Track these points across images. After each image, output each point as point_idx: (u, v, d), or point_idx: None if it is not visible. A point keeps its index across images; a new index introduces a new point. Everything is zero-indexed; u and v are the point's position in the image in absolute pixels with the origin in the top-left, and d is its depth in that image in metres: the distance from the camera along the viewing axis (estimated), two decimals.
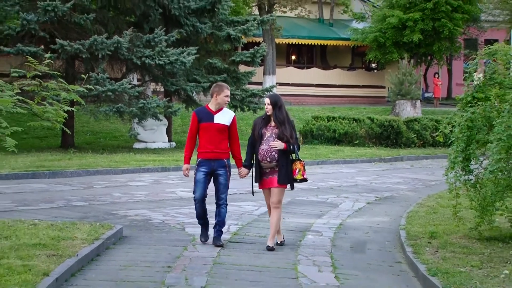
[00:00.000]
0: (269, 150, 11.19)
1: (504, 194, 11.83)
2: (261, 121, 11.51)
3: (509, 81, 12.31)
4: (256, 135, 11.40)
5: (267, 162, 11.27)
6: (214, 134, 11.29)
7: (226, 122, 11.37)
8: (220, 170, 11.35)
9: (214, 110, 11.42)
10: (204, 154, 11.36)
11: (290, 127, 11.34)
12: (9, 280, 8.49)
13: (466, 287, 9.29)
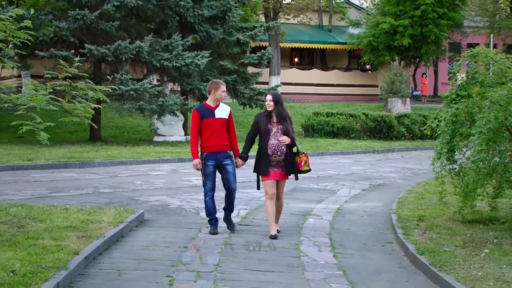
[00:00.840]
0: (279, 144, 10.88)
1: (485, 182, 11.82)
2: (264, 117, 11.14)
3: (489, 81, 12.29)
4: (262, 130, 11.02)
5: (277, 156, 10.94)
6: (217, 128, 11.02)
7: (225, 116, 11.15)
8: (226, 161, 11.10)
9: (213, 106, 11.12)
10: (210, 148, 11.02)
11: (290, 122, 11.17)
12: (44, 258, 8.53)
13: (451, 264, 9.31)
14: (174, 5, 28.15)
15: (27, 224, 10.78)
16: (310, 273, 9.26)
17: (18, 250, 8.98)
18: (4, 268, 7.91)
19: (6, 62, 10.28)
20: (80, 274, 8.57)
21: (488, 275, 8.71)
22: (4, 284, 7.27)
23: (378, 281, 9.04)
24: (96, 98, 9.83)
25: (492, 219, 12.45)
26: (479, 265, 9.24)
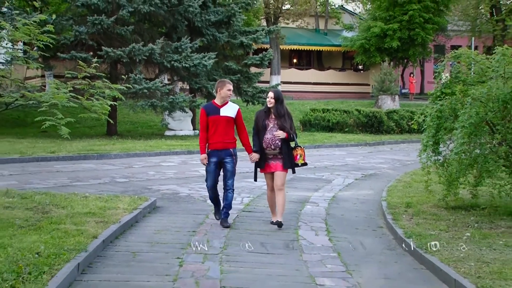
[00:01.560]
0: (273, 139, 10.54)
1: (467, 172, 11.84)
2: (263, 114, 10.80)
3: (471, 79, 12.30)
4: (260, 126, 10.70)
5: (271, 150, 10.61)
6: (222, 125, 10.57)
7: (231, 114, 10.67)
8: (227, 159, 10.66)
9: (220, 104, 10.67)
10: (213, 145, 10.60)
11: (290, 119, 10.76)
12: (66, 241, 8.56)
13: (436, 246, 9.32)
14: (183, 11, 28.15)
15: (51, 210, 10.81)
16: (307, 255, 9.28)
17: (42, 234, 9.02)
18: (30, 250, 7.95)
19: (31, 63, 10.32)
20: (98, 256, 8.61)
21: (469, 256, 8.74)
22: (30, 265, 7.31)
23: (370, 263, 9.05)
24: (112, 96, 9.85)
25: (473, 206, 12.47)
26: (461, 248, 9.25)
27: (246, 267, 8.44)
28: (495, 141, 11.58)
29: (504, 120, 11.36)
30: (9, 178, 15.96)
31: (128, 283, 7.49)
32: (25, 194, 12.19)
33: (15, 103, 9.60)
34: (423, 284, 8.14)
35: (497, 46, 12.39)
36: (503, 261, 8.45)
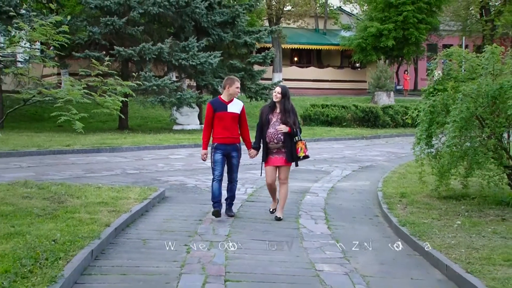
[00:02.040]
0: (275, 133, 10.19)
1: (457, 163, 11.85)
2: (267, 109, 10.46)
3: (462, 76, 12.28)
4: (264, 120, 10.38)
5: (274, 144, 10.27)
6: (228, 121, 10.24)
7: (237, 111, 10.33)
8: (233, 153, 10.36)
9: (227, 100, 10.32)
10: (220, 139, 10.22)
11: (294, 115, 10.35)
12: (80, 229, 8.57)
13: (428, 234, 9.33)
14: (190, 12, 28.16)
15: (66, 200, 10.83)
16: (307, 242, 9.28)
17: (58, 222, 9.04)
18: (47, 237, 7.97)
19: (47, 62, 10.33)
20: (110, 243, 8.62)
21: (460, 243, 8.74)
22: (47, 251, 7.33)
23: (367, 250, 9.05)
24: (124, 92, 9.86)
25: (463, 195, 12.46)
26: (452, 235, 9.26)
27: (250, 253, 8.46)
28: (484, 134, 11.58)
29: (493, 115, 11.36)
30: (28, 169, 16.00)
31: (138, 269, 7.50)
32: (42, 185, 12.22)
33: (33, 99, 9.62)
34: (416, 269, 8.14)
35: (487, 45, 12.39)
36: (491, 248, 8.45)
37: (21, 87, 11.60)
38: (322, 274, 7.66)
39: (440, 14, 47.52)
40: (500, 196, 11.99)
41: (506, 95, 10.80)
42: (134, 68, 28.59)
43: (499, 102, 11.04)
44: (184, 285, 6.95)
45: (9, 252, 7.24)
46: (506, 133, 11.86)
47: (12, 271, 6.56)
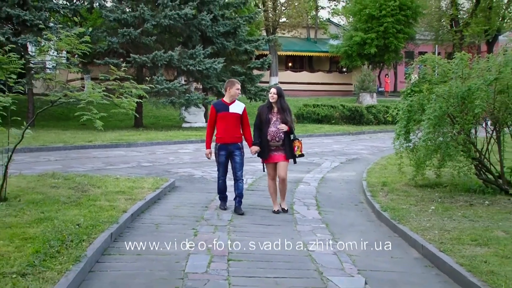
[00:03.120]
0: (277, 131, 9.75)
1: (432, 156, 11.86)
2: (266, 109, 9.96)
3: (435, 80, 12.28)
4: (264, 120, 9.85)
5: (275, 142, 9.80)
6: (230, 121, 9.79)
7: (239, 111, 9.86)
8: (236, 152, 9.87)
9: (229, 102, 9.89)
10: (222, 139, 9.81)
11: (290, 114, 9.98)
12: (101, 215, 8.60)
13: (406, 218, 9.36)
14: (197, 24, 28.13)
15: (88, 189, 10.85)
16: (300, 226, 9.31)
17: (82, 208, 9.07)
18: (72, 222, 8.01)
19: (72, 68, 10.33)
20: (127, 227, 8.65)
21: (433, 226, 8.77)
22: (72, 234, 7.36)
23: (353, 232, 9.07)
24: (138, 94, 9.84)
25: (437, 184, 12.48)
26: (427, 218, 9.29)
27: (249, 236, 8.47)
28: (455, 130, 11.57)
29: (462, 113, 11.37)
30: (55, 163, 16.02)
31: (152, 249, 7.52)
32: (68, 176, 12.23)
33: (59, 101, 9.61)
34: (396, 248, 8.16)
35: (456, 52, 12.40)
36: (461, 229, 8.48)
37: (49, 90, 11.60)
38: (313, 254, 7.68)
39: (416, 25, 47.50)
40: (468, 184, 12.02)
41: (473, 96, 10.81)
42: (148, 73, 28.58)
43: (468, 102, 11.04)
44: (192, 264, 6.97)
45: (39, 235, 7.28)
46: (473, 129, 11.89)
47: (42, 251, 6.60)
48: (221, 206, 10.18)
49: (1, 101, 9.33)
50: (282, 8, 49.79)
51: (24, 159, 16.32)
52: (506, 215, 9.50)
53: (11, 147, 9.57)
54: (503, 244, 7.68)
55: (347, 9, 52.15)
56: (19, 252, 6.58)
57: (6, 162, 9.47)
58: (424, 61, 12.85)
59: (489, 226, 8.73)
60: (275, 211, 10.10)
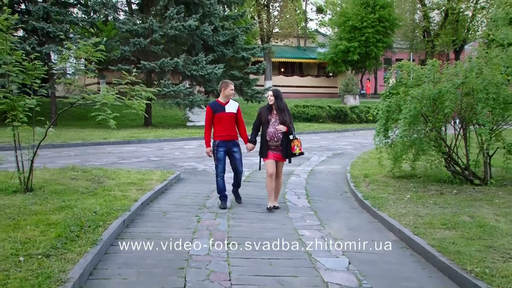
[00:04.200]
0: (275, 132, 9.19)
1: (407, 151, 11.90)
2: (265, 110, 9.38)
3: (410, 83, 12.32)
4: (263, 120, 9.32)
5: (274, 142, 9.23)
6: (227, 121, 9.32)
7: (234, 111, 9.41)
8: (235, 148, 9.43)
9: (224, 102, 9.40)
10: (221, 137, 9.29)
11: (289, 114, 9.41)
12: (114, 204, 8.62)
13: (385, 206, 9.39)
14: (200, 34, 28.12)
15: (104, 181, 10.86)
16: (292, 213, 9.33)
17: (98, 198, 9.08)
18: (89, 210, 8.04)
19: (89, 74, 10.36)
20: (138, 214, 8.67)
21: (409, 212, 8.80)
22: (89, 220, 7.38)
23: (338, 218, 9.10)
24: (147, 97, 9.85)
25: (412, 175, 12.52)
26: (403, 206, 9.32)
27: (247, 222, 8.50)
28: (427, 128, 11.61)
29: (434, 113, 11.40)
30: (75, 157, 16.02)
31: (160, 234, 7.54)
32: (85, 169, 12.24)
33: (77, 103, 9.62)
34: (376, 232, 8.20)
35: (428, 59, 12.45)
36: (432, 215, 8.52)
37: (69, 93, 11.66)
38: (303, 237, 7.71)
39: (393, 35, 47.62)
40: (439, 176, 12.06)
41: (443, 98, 10.87)
42: (156, 78, 28.58)
43: (438, 103, 11.09)
44: (196, 247, 7.00)
45: (61, 221, 7.30)
46: (443, 127, 11.92)
47: (63, 236, 6.62)
48: (221, 205, 9.52)
49: (27, 103, 9.39)
50: (275, 20, 49.85)
51: (47, 154, 16.33)
52: (471, 202, 9.55)
53: (36, 143, 9.59)
54: (468, 227, 7.73)
55: (333, 21, 52.15)
56: (43, 236, 6.61)
57: (32, 156, 9.51)
58: (400, 67, 12.89)
59: (456, 212, 8.78)
60: (268, 208, 9.40)
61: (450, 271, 6.17)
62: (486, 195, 10.23)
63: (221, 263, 6.37)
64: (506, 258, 6.36)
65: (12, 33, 9.62)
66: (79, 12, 30.04)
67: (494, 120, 11.36)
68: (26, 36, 27.03)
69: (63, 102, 12.50)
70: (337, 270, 6.35)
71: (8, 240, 6.39)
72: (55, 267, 5.57)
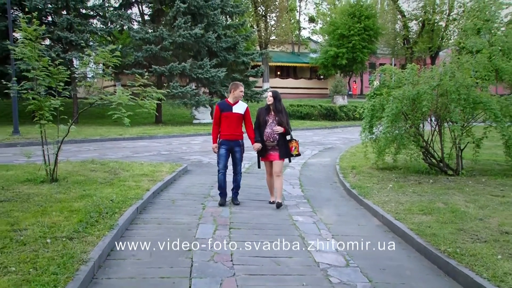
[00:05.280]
0: (272, 133, 8.64)
1: (390, 145, 11.94)
2: (264, 111, 8.82)
3: (392, 85, 12.33)
4: (262, 121, 8.77)
5: (270, 142, 8.68)
6: (233, 120, 8.68)
7: (241, 111, 8.74)
8: (237, 148, 8.76)
9: (232, 102, 8.76)
10: (225, 136, 8.69)
11: (286, 115, 8.84)
12: (129, 193, 8.64)
13: (370, 194, 9.42)
14: (204, 41, 28.06)
15: (119, 172, 10.88)
16: (287, 201, 9.36)
17: (114, 187, 9.11)
18: (107, 198, 8.09)
19: (106, 77, 10.38)
20: (150, 202, 8.71)
21: (391, 200, 8.84)
22: (106, 207, 7.42)
23: (328, 205, 9.13)
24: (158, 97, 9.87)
25: (394, 167, 12.56)
26: (386, 194, 9.36)
27: (247, 209, 8.53)
28: (407, 125, 11.65)
29: (413, 112, 11.44)
30: (94, 151, 16.03)
31: (169, 220, 7.58)
32: (103, 162, 12.28)
33: (96, 103, 9.64)
34: (361, 218, 8.24)
35: (408, 64, 12.49)
36: (411, 202, 8.56)
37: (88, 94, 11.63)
38: (297, 223, 7.75)
39: (377, 43, 47.61)
40: (417, 167, 12.12)
41: (421, 98, 10.91)
42: (166, 80, 28.51)
43: (417, 103, 11.12)
44: (201, 231, 7.04)
45: (82, 208, 7.34)
46: (421, 124, 11.97)
47: (84, 221, 6.67)
48: (220, 201, 8.88)
49: (53, 103, 9.46)
50: (272, 29, 49.80)
51: (70, 148, 16.35)
52: (445, 191, 9.60)
53: (60, 139, 9.64)
54: (443, 213, 7.79)
55: (323, 30, 52.15)
56: (67, 221, 6.65)
57: (57, 151, 9.58)
58: (383, 71, 12.92)
59: (432, 199, 8.82)
60: (271, 202, 9.03)
61: (426, 251, 6.23)
62: (458, 184, 10.30)
63: (224, 246, 6.41)
64: (474, 239, 6.44)
65: (40, 42, 9.67)
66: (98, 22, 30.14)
67: (465, 118, 11.47)
68: (52, 45, 27.12)
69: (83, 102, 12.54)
70: (327, 251, 6.39)
71: (37, 224, 6.45)
72: (78, 248, 5.62)
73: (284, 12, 51.32)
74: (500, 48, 12.16)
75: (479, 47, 12.34)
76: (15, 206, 7.40)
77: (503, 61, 11.83)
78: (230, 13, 31.36)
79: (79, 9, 28.62)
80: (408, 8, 56.02)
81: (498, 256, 5.78)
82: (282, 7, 51.21)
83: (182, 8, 27.39)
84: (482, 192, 9.46)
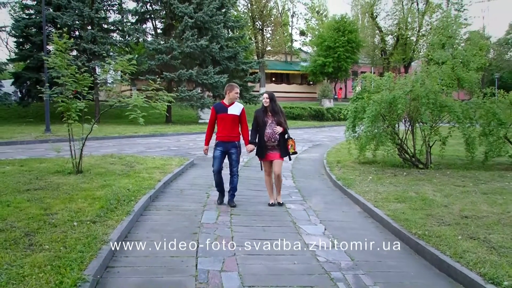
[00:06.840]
0: (273, 133, 7.81)
1: (370, 142, 11.96)
2: (261, 113, 8.00)
3: (372, 90, 12.37)
4: (261, 122, 7.93)
5: (272, 142, 7.85)
6: (228, 122, 7.73)
7: (237, 113, 7.75)
8: (232, 149, 7.78)
9: (228, 104, 7.81)
10: (221, 138, 7.79)
11: (283, 115, 8.06)
12: (143, 183, 8.64)
13: (353, 185, 9.44)
14: (209, 51, 28.06)
15: (135, 165, 10.88)
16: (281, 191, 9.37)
17: (130, 178, 9.10)
18: (124, 187, 8.09)
19: (123, 82, 10.40)
20: (161, 191, 8.70)
21: (371, 190, 8.86)
22: (124, 196, 7.41)
23: (316, 195, 9.15)
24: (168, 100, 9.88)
25: (373, 161, 12.59)
26: (366, 185, 9.38)
27: (245, 197, 8.55)
28: (385, 125, 11.68)
29: (390, 113, 11.47)
30: (113, 147, 16.03)
31: (178, 207, 7.59)
32: (121, 156, 12.27)
33: (115, 105, 9.64)
34: (346, 205, 8.27)
35: (385, 72, 12.57)
36: (388, 192, 8.59)
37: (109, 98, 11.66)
38: (289, 210, 7.77)
39: (358, 53, 47.94)
40: (393, 162, 12.16)
41: (396, 102, 10.94)
42: (175, 85, 28.51)
43: (393, 106, 11.14)
44: (205, 217, 7.05)
45: (103, 196, 7.34)
46: (397, 124, 12.01)
47: (105, 207, 6.68)
48: (218, 200, 8.07)
49: (78, 105, 9.54)
50: (268, 40, 49.94)
51: (92, 144, 16.33)
52: (416, 182, 9.63)
53: (84, 136, 9.67)
54: (414, 201, 7.82)
55: (313, 42, 52.15)
56: (90, 207, 6.66)
57: (81, 146, 9.61)
58: (364, 78, 12.99)
59: (406, 189, 8.85)
60: (270, 204, 8.07)
61: (400, 234, 6.27)
62: (427, 176, 10.33)
63: (226, 229, 6.42)
64: (439, 223, 6.51)
65: (68, 53, 9.71)
66: (118, 36, 30.43)
67: (433, 119, 11.56)
68: (78, 55, 27.40)
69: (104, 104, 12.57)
70: (315, 234, 6.42)
71: (65, 209, 6.48)
72: (100, 230, 5.64)
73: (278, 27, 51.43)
74: (460, 61, 12.53)
75: (444, 59, 12.61)
76: (47, 194, 7.42)
77: (463, 71, 12.18)
78: (232, 27, 31.41)
79: (101, 25, 29.14)
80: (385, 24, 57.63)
81: (459, 237, 5.86)
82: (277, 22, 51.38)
83: (189, 22, 27.41)
84: (447, 183, 9.50)
